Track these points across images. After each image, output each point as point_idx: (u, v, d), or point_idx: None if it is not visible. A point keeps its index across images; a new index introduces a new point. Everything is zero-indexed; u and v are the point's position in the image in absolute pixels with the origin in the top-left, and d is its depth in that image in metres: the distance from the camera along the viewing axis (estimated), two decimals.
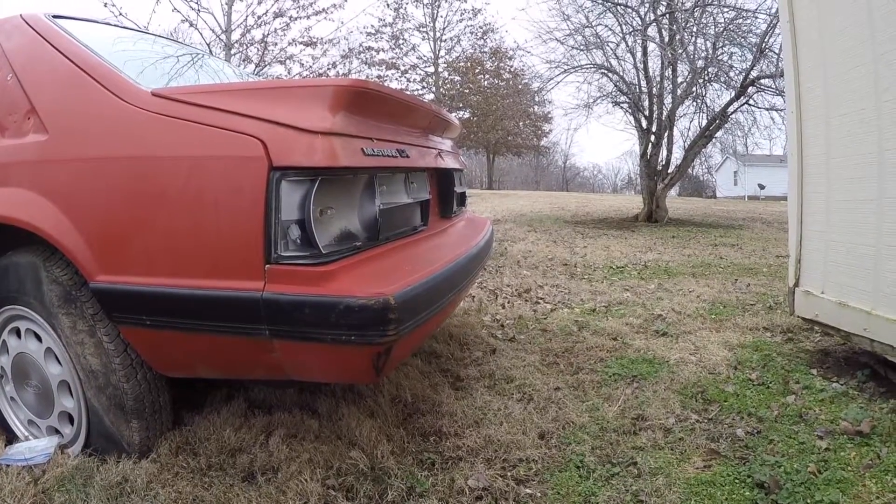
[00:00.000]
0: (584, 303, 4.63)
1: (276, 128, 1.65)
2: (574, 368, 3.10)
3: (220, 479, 2.04)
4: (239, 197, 1.65)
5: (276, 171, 1.62)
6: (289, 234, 1.65)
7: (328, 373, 1.87)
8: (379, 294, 1.58)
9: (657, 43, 11.80)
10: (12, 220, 2.07)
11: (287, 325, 1.63)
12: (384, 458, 2.16)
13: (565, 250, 7.76)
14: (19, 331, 2.28)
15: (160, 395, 2.15)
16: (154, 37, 3.43)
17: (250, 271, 1.64)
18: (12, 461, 2.16)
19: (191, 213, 1.73)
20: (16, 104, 2.24)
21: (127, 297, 1.85)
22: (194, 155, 1.73)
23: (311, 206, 1.65)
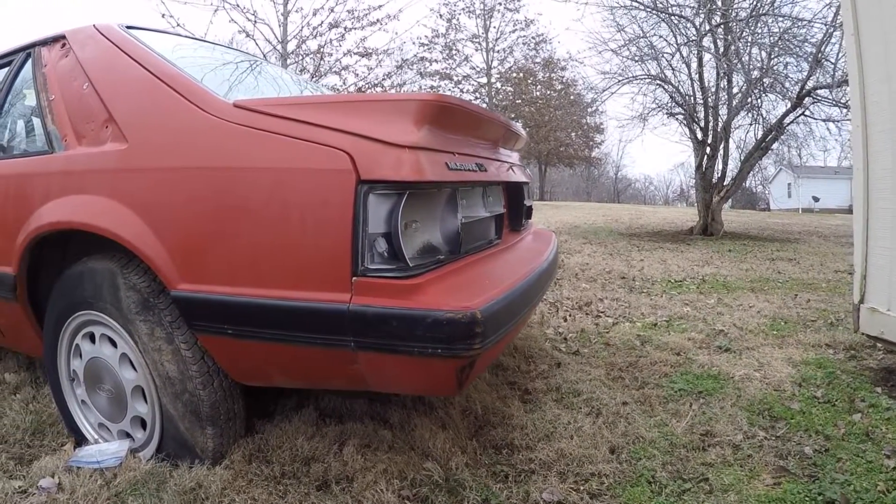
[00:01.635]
0: (645, 317, 4.64)
1: (362, 141, 1.68)
2: (639, 383, 3.11)
3: (294, 488, 2.07)
4: (326, 209, 1.68)
5: (363, 184, 1.65)
6: (375, 247, 1.68)
7: (410, 385, 1.89)
8: (466, 308, 1.60)
9: (712, 53, 11.70)
10: (92, 228, 2.12)
11: (373, 337, 1.65)
12: (458, 469, 2.18)
13: (622, 263, 7.76)
14: (93, 335, 2.33)
15: (235, 402, 2.19)
16: (223, 47, 3.55)
17: (337, 283, 1.67)
18: (83, 463, 2.21)
19: (276, 224, 1.76)
20: (93, 113, 2.30)
21: (209, 306, 1.89)
22: (280, 167, 1.76)
23: (399, 220, 1.67)
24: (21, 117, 3.02)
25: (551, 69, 26.21)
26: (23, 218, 2.42)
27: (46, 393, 3.02)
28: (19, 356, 3.69)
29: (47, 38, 2.80)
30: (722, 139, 12.30)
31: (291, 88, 3.33)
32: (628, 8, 11.88)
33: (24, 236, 2.39)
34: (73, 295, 2.31)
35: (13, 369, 3.48)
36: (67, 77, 2.53)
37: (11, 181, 2.57)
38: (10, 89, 2.98)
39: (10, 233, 2.49)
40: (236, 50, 3.53)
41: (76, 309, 2.31)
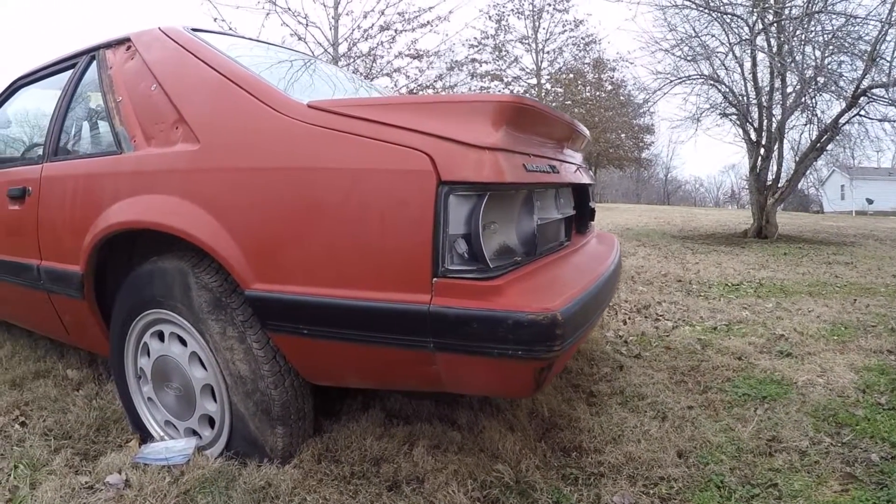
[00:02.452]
0: (704, 321, 4.61)
1: (442, 142, 1.67)
2: (702, 388, 3.08)
3: (365, 488, 2.07)
4: (406, 210, 1.68)
5: (444, 185, 1.64)
6: (455, 248, 1.67)
7: (486, 386, 1.88)
8: (546, 309, 1.59)
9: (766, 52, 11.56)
10: (164, 228, 2.13)
11: (453, 338, 1.64)
12: (529, 471, 2.17)
13: (677, 266, 7.73)
14: (162, 334, 2.36)
15: (305, 402, 2.19)
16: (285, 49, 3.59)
17: (417, 284, 1.67)
18: (150, 460, 2.22)
19: (355, 224, 1.76)
20: (162, 114, 2.32)
21: (284, 306, 1.88)
22: (358, 167, 1.76)
23: (480, 221, 1.66)
24: (86, 119, 3.07)
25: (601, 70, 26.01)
26: (91, 217, 2.45)
27: (109, 389, 3.07)
28: (81, 352, 3.73)
29: (111, 41, 2.84)
30: (776, 140, 12.12)
31: (346, 87, 3.36)
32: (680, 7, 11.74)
33: (92, 235, 2.42)
34: (142, 294, 2.33)
35: (75, 366, 3.52)
36: (134, 79, 2.56)
37: (79, 181, 2.60)
38: (74, 91, 3.03)
39: (77, 232, 2.53)
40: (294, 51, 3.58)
41: (145, 307, 2.33)
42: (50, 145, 2.99)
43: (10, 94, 3.83)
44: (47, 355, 3.77)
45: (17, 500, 2.07)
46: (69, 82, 3.10)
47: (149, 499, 2.00)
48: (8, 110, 3.96)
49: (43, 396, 3.05)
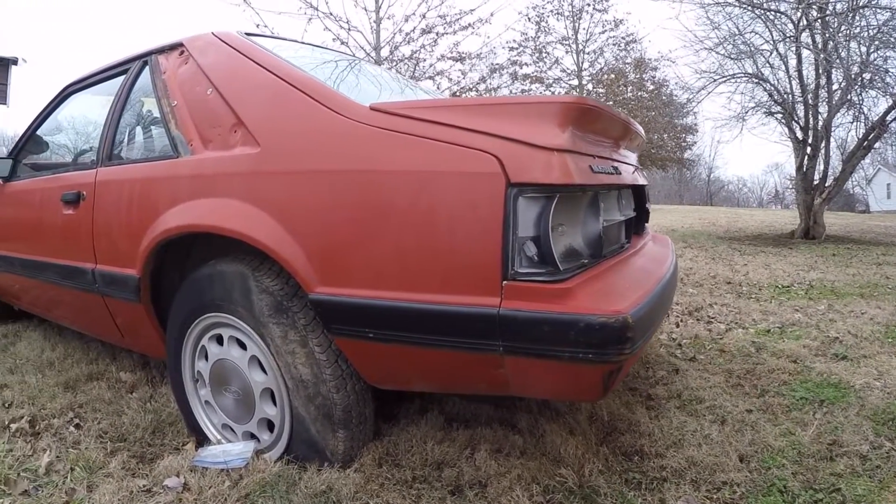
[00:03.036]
0: (757, 323, 4.55)
1: (509, 144, 1.65)
2: (759, 391, 3.03)
3: (427, 492, 2.05)
4: (475, 213, 1.66)
5: (513, 187, 1.62)
6: (524, 251, 1.65)
7: (554, 390, 1.84)
8: (617, 312, 1.56)
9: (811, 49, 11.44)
10: (225, 231, 2.13)
11: (523, 341, 1.62)
12: (592, 476, 2.14)
13: (726, 268, 7.66)
14: (221, 337, 2.35)
15: (366, 406, 2.17)
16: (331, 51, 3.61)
17: (486, 287, 1.65)
18: (208, 463, 2.22)
19: (422, 227, 1.74)
20: (219, 117, 2.33)
21: (350, 309, 1.87)
22: (424, 170, 1.74)
23: (550, 223, 1.64)
24: (141, 123, 3.08)
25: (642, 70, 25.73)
26: (148, 221, 2.46)
27: (164, 392, 3.07)
28: (134, 355, 3.76)
29: (164, 46, 2.85)
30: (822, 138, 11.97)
31: (392, 86, 3.36)
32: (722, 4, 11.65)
33: (149, 239, 2.43)
34: (200, 297, 2.33)
35: (128, 368, 3.54)
36: (189, 83, 2.57)
37: (135, 186, 2.61)
38: (127, 97, 3.05)
39: (134, 236, 2.54)
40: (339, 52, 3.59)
41: (204, 311, 2.33)
42: (104, 150, 3.00)
43: (61, 100, 3.87)
44: (99, 358, 3.81)
45: (74, 503, 2.08)
46: (121, 88, 3.12)
47: (209, 502, 2.00)
48: (59, 116, 4.01)
49: (97, 399, 3.07)
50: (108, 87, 3.41)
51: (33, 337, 4.49)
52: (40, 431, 2.72)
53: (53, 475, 2.29)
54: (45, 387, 3.29)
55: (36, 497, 2.14)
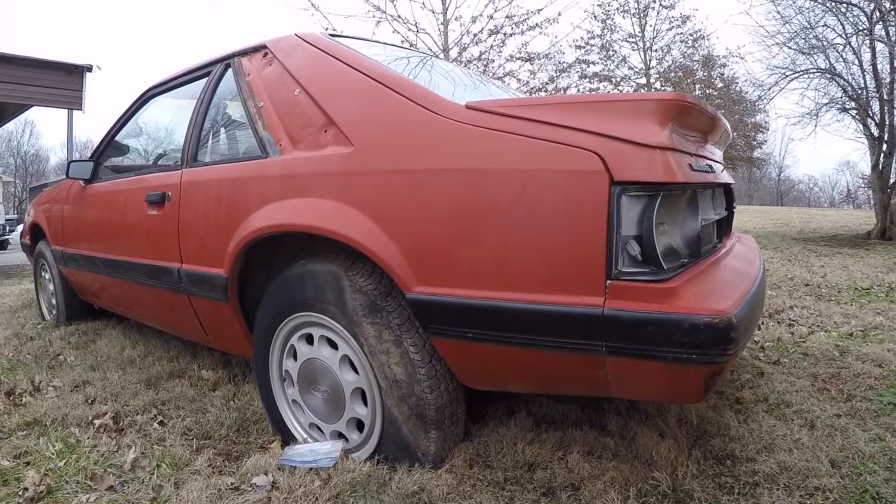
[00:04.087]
0: (839, 326, 4.45)
1: (611, 142, 1.63)
2: (846, 396, 2.96)
3: (520, 494, 2.03)
4: (578, 211, 1.63)
5: (616, 185, 1.60)
6: (628, 250, 1.63)
7: (653, 391, 1.80)
8: (722, 312, 1.53)
9: (885, 42, 11.17)
10: (320, 231, 2.13)
11: (626, 342, 1.60)
12: (685, 479, 2.10)
13: (803, 269, 7.55)
14: (310, 337, 2.36)
15: (458, 406, 2.16)
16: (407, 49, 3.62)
17: (590, 286, 1.63)
18: (295, 462, 2.23)
19: (523, 226, 1.72)
20: (308, 117, 2.34)
21: (450, 309, 1.86)
22: (525, 168, 1.72)
23: (654, 222, 1.62)
24: (226, 125, 3.12)
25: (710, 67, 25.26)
26: (236, 221, 2.49)
27: (246, 391, 3.11)
28: (215, 353, 3.82)
29: (247, 49, 2.89)
30: None
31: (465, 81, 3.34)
32: None
33: (238, 239, 2.45)
34: (291, 297, 2.34)
35: (209, 367, 3.59)
36: (275, 84, 2.59)
37: (223, 186, 2.64)
38: (211, 99, 3.09)
39: (222, 235, 2.57)
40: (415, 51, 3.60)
41: (294, 311, 2.34)
42: (188, 151, 3.05)
43: (142, 103, 3.96)
44: (180, 356, 3.88)
45: (161, 500, 2.10)
46: (204, 90, 3.17)
47: (299, 501, 2.00)
48: (139, 119, 4.10)
49: (180, 396, 3.12)
50: (189, 90, 3.47)
51: (113, 335, 4.60)
52: (124, 428, 2.76)
53: (139, 471, 2.32)
54: (127, 384, 3.37)
55: (122, 493, 2.17)
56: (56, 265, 4.92)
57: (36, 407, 3.03)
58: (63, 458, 2.43)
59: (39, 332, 4.87)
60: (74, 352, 4.21)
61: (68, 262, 4.56)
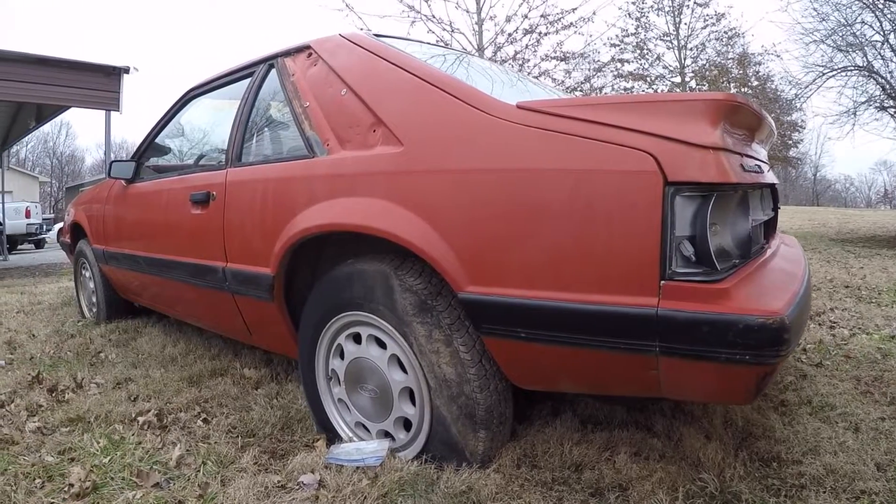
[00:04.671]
0: (881, 329, 4.42)
1: (664, 142, 1.64)
2: (889, 399, 2.94)
3: (568, 494, 2.05)
4: (632, 211, 1.65)
5: (670, 186, 1.61)
6: (681, 250, 1.63)
7: (704, 392, 1.82)
8: (775, 312, 1.54)
9: None
10: (370, 230, 2.16)
11: (680, 342, 1.61)
12: (733, 481, 2.11)
13: (842, 271, 7.50)
14: (358, 336, 2.39)
15: (507, 406, 2.17)
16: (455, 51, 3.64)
17: (644, 287, 1.64)
18: (342, 461, 2.25)
19: (577, 226, 1.73)
20: (356, 117, 2.37)
21: (503, 308, 1.87)
22: (577, 168, 1.73)
23: (708, 222, 1.62)
24: (271, 125, 3.15)
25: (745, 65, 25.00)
26: (283, 221, 2.52)
27: (289, 389, 3.15)
28: (256, 352, 3.87)
29: (290, 49, 2.93)
30: None
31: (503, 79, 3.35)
32: None
33: (286, 238, 2.49)
34: (338, 296, 2.36)
35: (251, 365, 3.64)
36: (321, 84, 2.63)
37: (269, 186, 2.68)
38: (255, 99, 3.13)
39: (268, 235, 2.60)
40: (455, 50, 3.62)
41: (341, 310, 2.37)
42: (232, 151, 3.09)
43: (183, 104, 4.02)
44: (221, 354, 3.94)
45: (208, 498, 2.12)
46: (248, 90, 3.21)
47: (348, 500, 2.02)
48: (181, 120, 4.15)
49: (223, 394, 3.16)
50: (231, 90, 3.52)
51: (153, 333, 4.67)
52: (168, 425, 2.81)
53: (184, 469, 2.36)
54: (169, 381, 3.42)
55: (168, 489, 2.20)
56: (97, 264, 5.00)
57: (79, 403, 3.09)
58: (108, 455, 2.47)
59: (80, 330, 4.97)
60: (115, 349, 4.29)
61: (109, 260, 4.63)
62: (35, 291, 8.06)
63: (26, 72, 9.85)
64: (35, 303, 6.88)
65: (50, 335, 4.88)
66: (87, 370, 3.74)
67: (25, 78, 9.83)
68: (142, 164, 4.28)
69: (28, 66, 9.87)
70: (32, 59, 9.87)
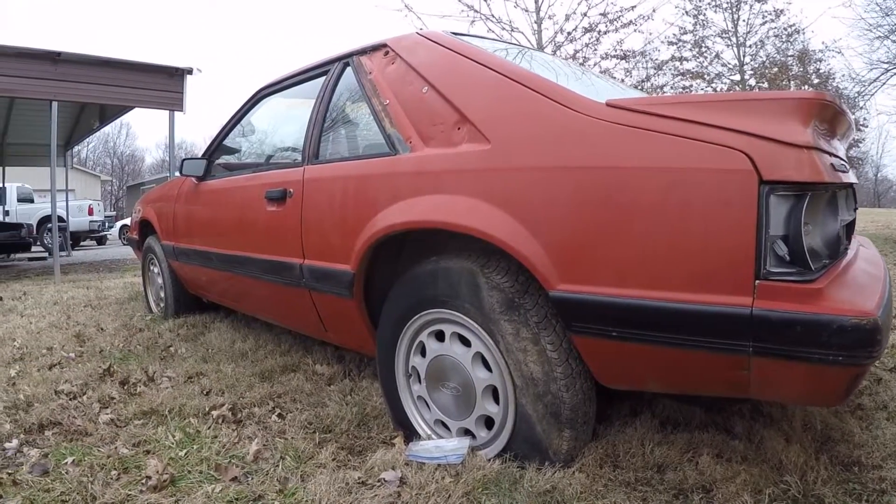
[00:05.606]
0: None
1: (759, 141, 1.66)
2: None
3: (652, 495, 2.08)
4: (727, 210, 1.67)
5: (765, 185, 1.63)
6: (775, 250, 1.66)
7: (795, 393, 1.82)
8: (868, 313, 1.55)
9: None
10: (459, 228, 2.20)
11: (774, 342, 1.63)
12: (816, 485, 2.12)
13: None
14: (441, 333, 2.43)
15: (591, 405, 2.20)
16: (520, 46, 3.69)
17: (738, 286, 1.66)
18: (423, 459, 2.29)
19: (670, 224, 1.76)
20: (439, 115, 2.42)
21: (595, 307, 1.91)
22: (671, 167, 1.76)
23: (802, 222, 1.65)
24: (348, 122, 3.24)
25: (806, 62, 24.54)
26: (365, 218, 2.58)
27: (363, 386, 3.23)
28: (328, 348, 3.96)
29: (366, 48, 3.02)
30: None
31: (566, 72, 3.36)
32: None
33: (368, 235, 2.55)
34: (421, 293, 2.42)
35: (323, 361, 3.72)
36: (400, 82, 2.70)
37: (349, 183, 2.75)
38: (331, 97, 3.21)
39: (349, 232, 2.68)
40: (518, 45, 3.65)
41: (424, 307, 2.42)
42: (310, 148, 3.18)
43: (254, 103, 4.12)
44: (292, 350, 4.04)
45: (288, 493, 2.17)
46: (323, 89, 3.29)
47: (432, 497, 2.06)
48: (252, 118, 4.25)
49: (296, 390, 3.25)
50: (303, 89, 3.61)
51: (221, 328, 4.80)
52: (242, 419, 2.89)
53: (262, 463, 2.42)
54: (241, 376, 3.52)
55: (247, 484, 2.26)
56: (166, 260, 5.15)
57: (151, 397, 3.20)
58: (184, 448, 2.55)
59: (148, 324, 5.13)
60: (184, 344, 4.42)
61: (179, 256, 4.77)
62: (101, 286, 8.29)
63: (91, 73, 10.13)
64: (101, 297, 7.08)
65: (118, 329, 5.04)
66: (157, 364, 3.87)
67: (90, 79, 10.11)
68: (212, 162, 4.40)
69: (93, 67, 10.15)
70: (97, 60, 10.14)
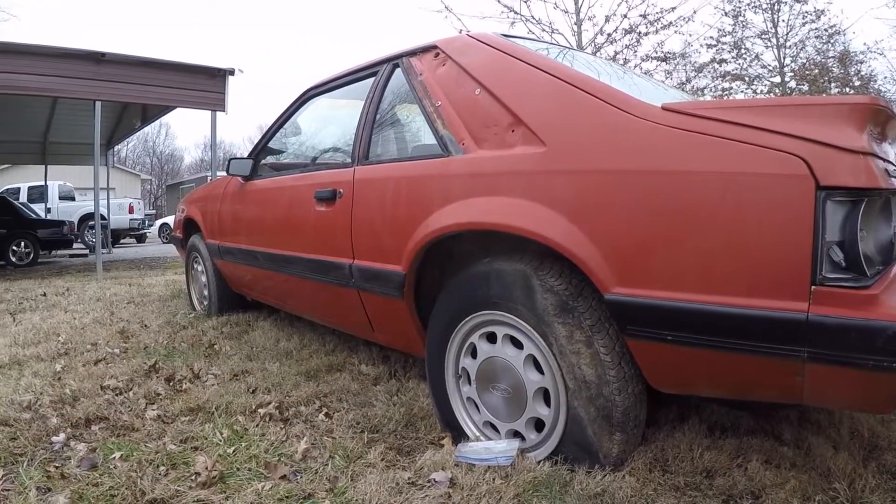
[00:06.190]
0: None
1: (816, 146, 1.68)
2: None
3: (701, 500, 2.10)
4: (783, 215, 1.70)
5: (821, 190, 1.65)
6: (831, 255, 1.68)
7: (846, 399, 1.86)
8: None
9: None
10: (514, 230, 2.24)
11: (829, 348, 1.65)
12: (864, 492, 2.13)
13: None
14: (492, 335, 2.46)
15: (641, 409, 2.23)
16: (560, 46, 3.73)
17: (794, 291, 1.69)
18: (473, 460, 2.33)
19: (727, 228, 1.79)
20: (493, 117, 2.46)
21: (650, 311, 1.93)
22: (727, 171, 1.79)
23: (858, 228, 1.67)
24: (398, 123, 3.31)
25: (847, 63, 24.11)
26: (417, 219, 2.64)
27: (410, 387, 3.28)
28: (373, 348, 4.02)
29: (415, 49, 3.08)
30: None
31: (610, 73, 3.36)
32: None
33: (420, 236, 2.60)
34: (474, 295, 2.45)
35: (368, 361, 3.78)
36: (452, 83, 2.75)
37: (401, 184, 2.81)
38: (380, 98, 3.27)
39: (400, 233, 2.73)
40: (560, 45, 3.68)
41: (476, 309, 2.46)
42: (360, 149, 3.23)
43: (302, 103, 4.20)
44: (337, 349, 4.10)
45: (338, 491, 2.21)
46: (372, 90, 3.35)
47: (483, 498, 2.09)
48: (299, 119, 4.32)
49: (342, 389, 3.31)
50: (352, 90, 3.68)
51: (265, 327, 4.88)
52: (289, 418, 2.94)
53: (310, 462, 2.46)
54: (286, 375, 3.59)
55: (297, 482, 2.30)
56: (210, 258, 5.25)
57: (198, 393, 3.27)
58: (232, 445, 2.60)
59: (191, 322, 5.24)
60: (229, 342, 4.51)
61: (224, 255, 4.86)
62: (142, 283, 8.45)
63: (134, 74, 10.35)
64: (144, 294, 7.23)
65: (162, 326, 5.16)
66: (202, 361, 3.96)
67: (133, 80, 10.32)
68: (259, 161, 4.48)
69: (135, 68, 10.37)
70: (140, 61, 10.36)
